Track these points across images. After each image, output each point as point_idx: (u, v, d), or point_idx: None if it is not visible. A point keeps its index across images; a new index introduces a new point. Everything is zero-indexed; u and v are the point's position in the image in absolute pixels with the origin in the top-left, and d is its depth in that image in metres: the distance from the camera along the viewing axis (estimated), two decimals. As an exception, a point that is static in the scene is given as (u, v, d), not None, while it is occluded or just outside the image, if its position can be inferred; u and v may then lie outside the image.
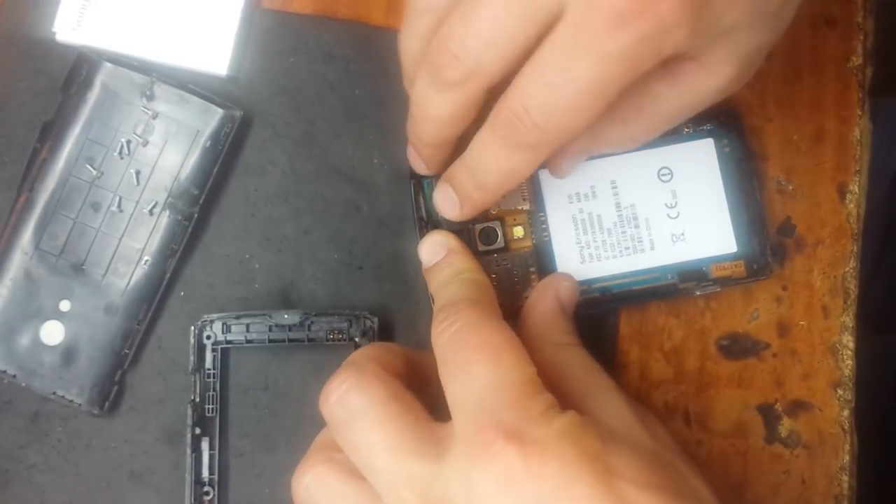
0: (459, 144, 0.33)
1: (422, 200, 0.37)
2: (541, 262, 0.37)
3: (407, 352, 0.34)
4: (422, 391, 0.31)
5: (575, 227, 0.37)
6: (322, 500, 0.30)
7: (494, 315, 0.31)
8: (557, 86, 0.28)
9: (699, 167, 0.38)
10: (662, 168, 0.38)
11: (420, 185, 0.37)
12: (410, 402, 0.30)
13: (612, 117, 0.32)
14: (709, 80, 0.30)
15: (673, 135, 0.38)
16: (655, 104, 0.32)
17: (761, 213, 0.38)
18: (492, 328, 0.30)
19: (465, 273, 0.34)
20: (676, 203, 0.38)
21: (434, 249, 0.36)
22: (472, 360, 0.29)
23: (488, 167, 0.31)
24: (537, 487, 0.26)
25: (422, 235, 0.37)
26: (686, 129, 0.38)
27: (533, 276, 0.37)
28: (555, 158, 0.35)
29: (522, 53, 0.28)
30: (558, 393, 0.30)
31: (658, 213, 0.38)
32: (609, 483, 0.26)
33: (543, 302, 0.36)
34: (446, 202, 0.34)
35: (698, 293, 0.38)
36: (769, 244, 0.38)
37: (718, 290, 0.38)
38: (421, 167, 0.36)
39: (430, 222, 0.37)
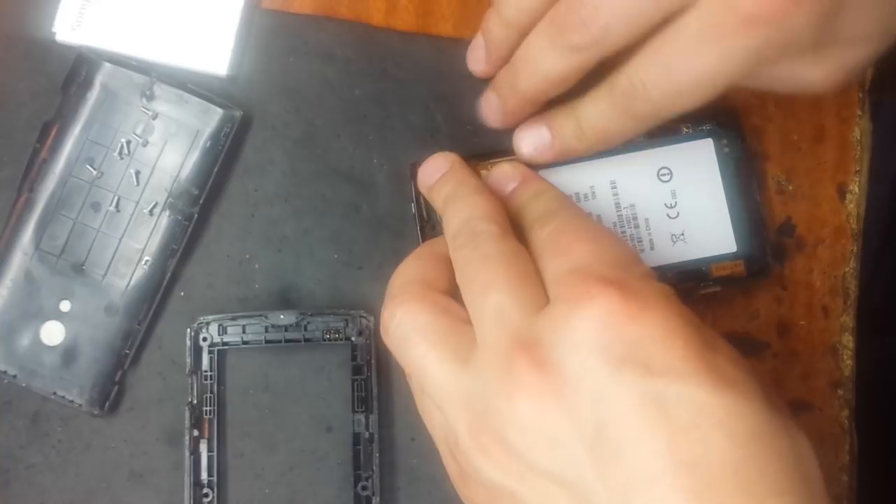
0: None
1: (423, 200, 0.37)
2: None
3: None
4: None
5: None
6: (416, 338, 0.30)
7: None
8: (679, 71, 0.29)
9: (699, 167, 0.38)
10: (662, 168, 0.38)
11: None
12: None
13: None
14: (814, 78, 0.31)
15: (672, 135, 0.38)
16: (752, 82, 0.32)
17: (761, 213, 0.38)
18: (575, 209, 0.31)
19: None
20: (676, 203, 0.38)
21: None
22: (573, 237, 0.29)
23: (598, 122, 0.33)
24: (637, 330, 0.25)
25: (422, 235, 0.37)
26: (685, 129, 0.38)
27: None
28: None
29: (647, 32, 0.30)
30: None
31: (658, 213, 0.38)
32: (705, 351, 0.25)
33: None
34: (530, 137, 0.36)
35: (698, 293, 0.38)
36: (769, 244, 0.38)
37: (718, 290, 0.38)
38: (496, 118, 0.37)
39: (431, 222, 0.37)
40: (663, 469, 0.24)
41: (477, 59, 0.36)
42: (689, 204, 0.38)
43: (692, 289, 0.38)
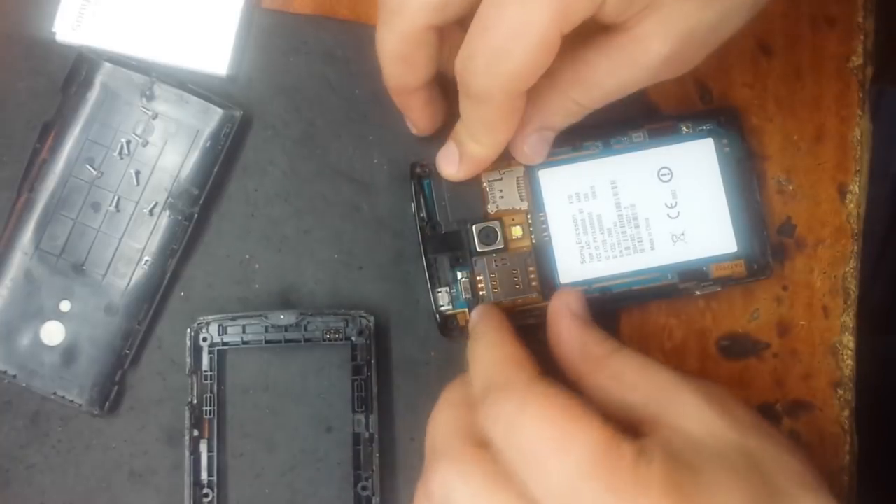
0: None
1: (423, 200, 0.37)
2: (540, 262, 0.37)
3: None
4: None
5: (575, 227, 0.37)
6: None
7: (534, 379, 0.30)
8: (496, 30, 0.29)
9: (699, 167, 0.38)
10: (662, 168, 0.38)
11: (421, 185, 0.37)
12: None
13: (553, 86, 0.33)
14: (640, 55, 0.30)
15: (673, 135, 0.38)
16: (590, 73, 0.32)
17: (761, 213, 0.38)
18: (542, 406, 0.28)
19: (485, 337, 0.34)
20: (676, 203, 0.38)
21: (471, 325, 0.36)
22: (541, 459, 0.27)
23: (468, 119, 0.33)
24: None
25: (423, 235, 0.37)
26: (686, 129, 0.38)
27: (532, 276, 0.37)
28: (515, 141, 0.35)
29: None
30: (628, 415, 0.29)
31: (658, 212, 0.38)
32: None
33: (562, 325, 0.34)
34: (446, 158, 0.36)
35: (698, 293, 0.38)
36: (769, 244, 0.38)
37: (718, 289, 0.38)
38: (415, 128, 0.38)
39: (431, 222, 0.37)
40: None
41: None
42: (689, 204, 0.38)
43: (692, 288, 0.38)
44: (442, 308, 0.37)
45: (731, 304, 0.39)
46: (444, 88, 0.37)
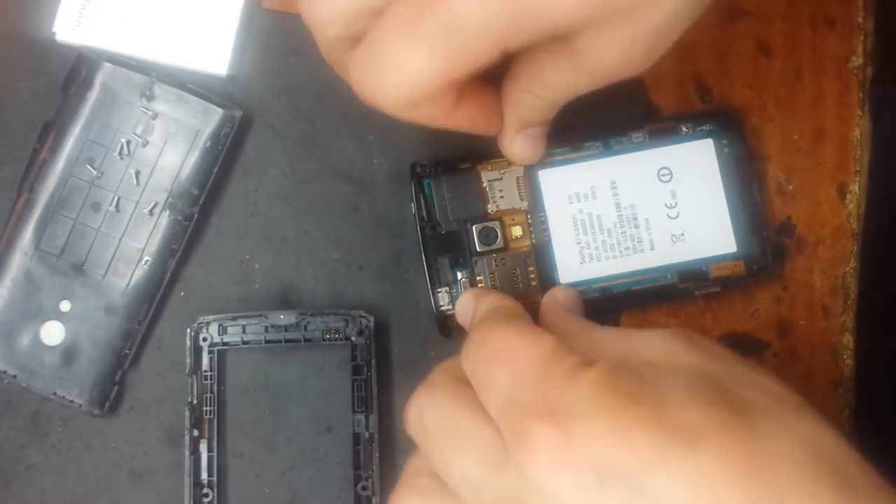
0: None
1: (422, 200, 0.37)
2: (540, 261, 0.37)
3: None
4: None
5: (574, 227, 0.37)
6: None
7: (508, 317, 0.31)
8: (371, 62, 0.28)
9: (699, 167, 0.38)
10: (662, 168, 0.38)
11: (421, 185, 0.37)
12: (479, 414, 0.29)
13: (515, 83, 0.32)
14: (583, 64, 0.29)
15: (672, 135, 0.38)
16: (542, 73, 0.31)
17: (761, 213, 0.38)
18: (501, 330, 0.29)
19: (489, 302, 0.33)
20: (676, 203, 0.38)
21: (465, 306, 0.36)
22: (490, 371, 0.28)
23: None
24: (590, 453, 0.24)
25: (423, 235, 0.37)
26: (685, 130, 0.38)
27: (532, 276, 0.37)
28: (503, 144, 0.35)
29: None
30: None
31: (658, 213, 0.38)
32: (659, 416, 0.24)
33: (545, 316, 0.35)
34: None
35: (698, 293, 0.38)
36: (769, 244, 0.38)
37: (718, 290, 0.38)
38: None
39: (431, 222, 0.37)
40: None
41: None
42: (689, 204, 0.38)
43: (692, 289, 0.38)
44: (442, 308, 0.37)
45: (731, 305, 0.39)
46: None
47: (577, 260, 0.37)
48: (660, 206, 0.38)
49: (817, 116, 0.40)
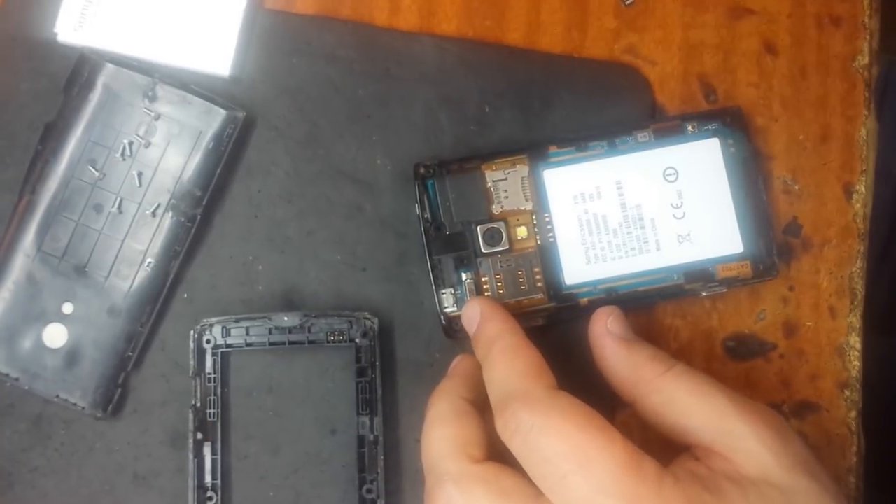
0: None
1: (426, 201, 0.37)
2: (545, 262, 0.37)
3: None
4: None
5: (580, 227, 0.37)
6: None
7: (566, 403, 0.30)
8: None
9: (705, 167, 0.38)
10: (668, 168, 0.38)
11: (425, 186, 0.37)
12: None
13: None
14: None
15: (678, 134, 0.38)
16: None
17: (767, 213, 0.38)
18: (564, 425, 0.28)
19: (502, 341, 0.33)
20: (682, 203, 0.37)
21: (469, 319, 0.35)
22: (564, 475, 0.28)
23: None
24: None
25: (427, 237, 0.37)
26: (691, 129, 0.38)
27: (538, 277, 0.37)
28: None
29: None
30: (684, 439, 0.30)
31: (664, 213, 0.37)
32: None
33: (607, 351, 0.34)
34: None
35: (704, 294, 0.38)
36: (775, 244, 0.38)
37: (725, 290, 0.38)
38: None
39: (435, 223, 0.37)
40: None
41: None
42: (695, 204, 0.37)
43: (698, 289, 0.37)
44: (447, 309, 0.37)
45: (738, 305, 0.39)
46: None
47: (583, 260, 0.37)
48: (666, 206, 0.37)
49: (823, 116, 0.40)
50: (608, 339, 0.34)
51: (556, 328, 0.38)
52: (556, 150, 0.37)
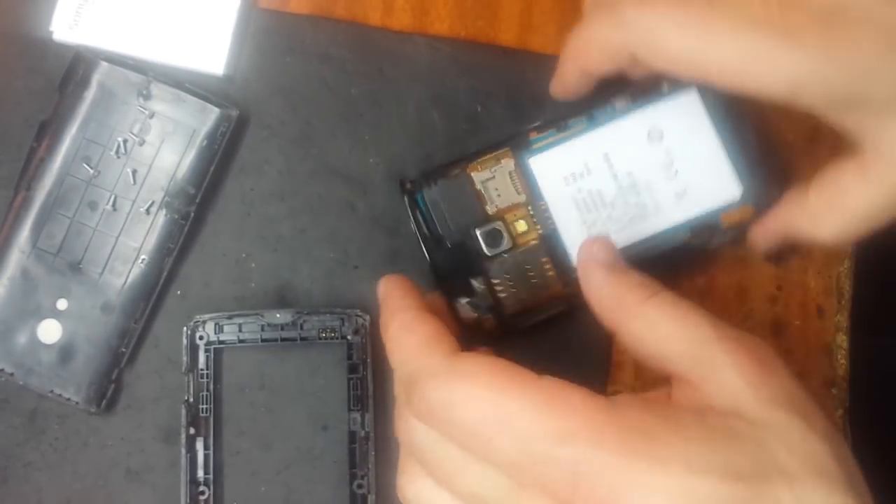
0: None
1: (420, 217, 0.37)
2: (552, 251, 0.37)
3: None
4: None
5: (577, 207, 0.37)
6: None
7: (455, 361, 0.28)
8: None
9: (688, 121, 0.37)
10: (651, 129, 0.37)
11: (415, 202, 0.37)
12: None
13: (804, 211, 0.34)
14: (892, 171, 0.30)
15: (655, 94, 0.37)
16: (846, 199, 0.32)
17: (758, 152, 0.37)
18: (474, 388, 0.27)
19: (394, 321, 0.32)
20: (673, 161, 0.37)
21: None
22: (488, 438, 0.26)
23: None
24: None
25: (430, 255, 0.37)
26: (667, 86, 0.37)
27: (548, 267, 0.37)
28: (756, 237, 0.37)
29: None
30: (663, 366, 0.28)
31: (656, 175, 0.37)
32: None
33: (591, 279, 0.31)
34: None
35: (714, 245, 0.37)
36: (773, 179, 0.37)
37: (735, 237, 0.37)
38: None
39: (434, 238, 0.37)
40: None
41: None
42: (685, 160, 0.37)
43: (707, 242, 0.37)
44: (464, 318, 0.37)
45: (725, 304, 0.39)
46: None
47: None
48: (657, 168, 0.37)
49: (812, 116, 0.40)
50: (593, 265, 0.31)
51: (580, 311, 0.35)
52: (537, 136, 0.37)
